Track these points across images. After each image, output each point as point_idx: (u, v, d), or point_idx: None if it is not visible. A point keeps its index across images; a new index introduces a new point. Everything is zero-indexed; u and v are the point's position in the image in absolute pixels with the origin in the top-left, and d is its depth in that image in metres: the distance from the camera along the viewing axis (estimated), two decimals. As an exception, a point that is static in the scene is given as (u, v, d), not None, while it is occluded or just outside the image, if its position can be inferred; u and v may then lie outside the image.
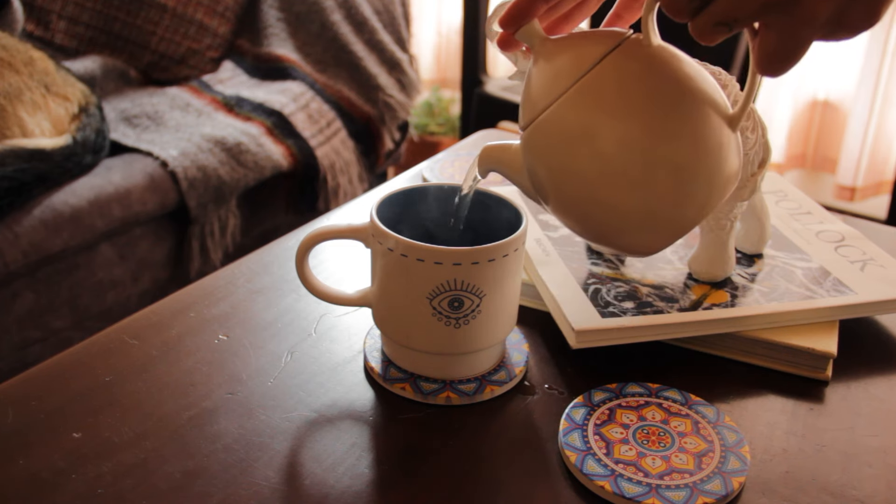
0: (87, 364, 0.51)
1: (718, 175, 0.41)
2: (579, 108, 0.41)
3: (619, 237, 0.43)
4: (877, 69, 1.99)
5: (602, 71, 0.41)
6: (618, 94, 0.40)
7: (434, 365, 0.49)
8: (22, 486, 0.42)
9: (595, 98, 0.40)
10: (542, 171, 0.43)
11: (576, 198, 0.42)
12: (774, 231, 0.64)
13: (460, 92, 2.03)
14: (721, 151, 0.41)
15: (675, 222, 0.42)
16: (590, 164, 0.41)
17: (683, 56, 0.42)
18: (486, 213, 0.52)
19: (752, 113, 0.53)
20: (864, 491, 0.43)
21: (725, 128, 0.41)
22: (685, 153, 0.40)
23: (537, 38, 0.44)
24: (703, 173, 0.40)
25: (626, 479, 0.42)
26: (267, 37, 1.78)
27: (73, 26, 1.69)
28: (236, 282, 0.61)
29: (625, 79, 0.40)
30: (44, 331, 1.25)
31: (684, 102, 0.40)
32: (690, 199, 0.41)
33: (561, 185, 0.43)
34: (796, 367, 0.52)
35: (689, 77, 0.41)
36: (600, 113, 0.40)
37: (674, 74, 0.41)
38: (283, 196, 1.61)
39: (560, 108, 0.41)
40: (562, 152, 0.41)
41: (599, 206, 0.42)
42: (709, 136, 0.40)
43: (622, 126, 0.40)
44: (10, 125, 1.24)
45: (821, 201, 1.12)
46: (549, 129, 0.42)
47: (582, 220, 0.43)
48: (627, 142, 0.40)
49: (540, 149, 0.43)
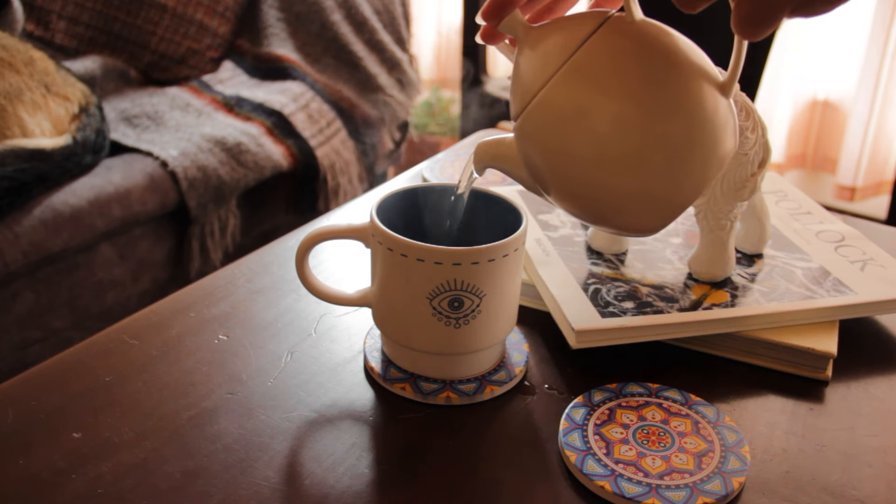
0: (87, 364, 0.51)
1: (715, 145, 0.41)
2: (570, 88, 0.40)
3: (618, 217, 0.43)
4: (877, 69, 1.99)
5: (590, 49, 0.40)
6: (608, 70, 0.40)
7: (434, 365, 0.49)
8: (22, 486, 0.42)
9: (585, 76, 0.40)
10: (537, 157, 0.43)
11: (573, 180, 0.42)
12: (774, 231, 0.64)
13: (460, 92, 2.03)
14: (716, 119, 0.40)
15: (674, 193, 0.41)
16: (585, 144, 0.40)
17: (668, 29, 0.42)
18: (486, 213, 0.52)
19: (752, 113, 0.53)
20: (864, 491, 0.43)
21: (718, 95, 0.40)
22: (680, 126, 0.40)
23: (521, 27, 0.43)
24: (700, 144, 0.40)
25: (626, 479, 0.42)
26: (267, 37, 1.78)
27: (73, 26, 1.69)
28: (236, 282, 0.61)
29: (614, 55, 0.40)
30: (44, 331, 1.25)
31: (675, 74, 0.40)
32: (688, 167, 0.40)
33: (557, 168, 0.42)
34: (796, 367, 0.52)
35: (677, 48, 0.41)
36: (592, 91, 0.40)
37: (662, 47, 0.40)
38: (283, 196, 1.61)
39: (551, 90, 0.41)
40: (556, 135, 0.41)
41: (597, 186, 0.41)
42: (702, 106, 0.40)
43: (615, 103, 0.39)
44: (11, 125, 1.24)
45: (821, 201, 1.13)
46: (541, 112, 0.42)
47: (580, 201, 0.43)
48: (622, 119, 0.39)
49: (534, 134, 0.42)
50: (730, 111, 0.42)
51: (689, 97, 0.40)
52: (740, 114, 0.52)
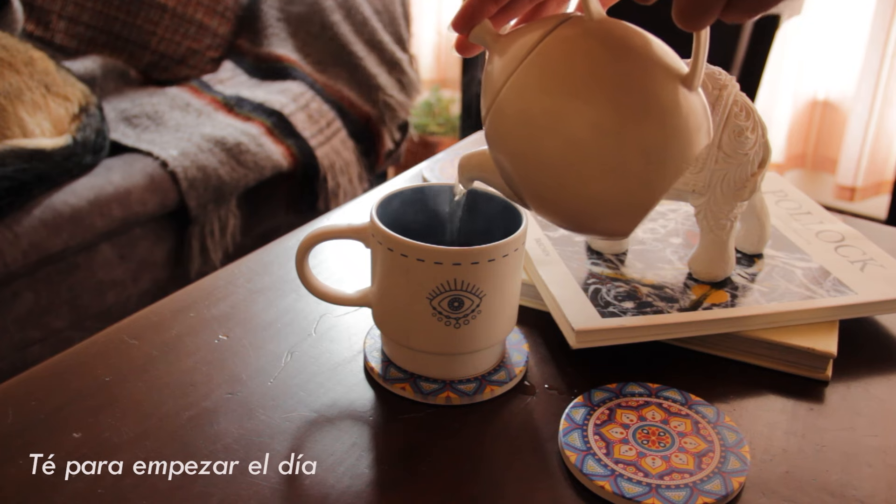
0: (87, 364, 0.51)
1: (668, 139, 0.39)
2: (521, 90, 0.40)
3: (584, 217, 0.42)
4: (877, 69, 1.99)
5: (543, 50, 0.40)
6: (555, 69, 0.39)
7: (434, 365, 0.49)
8: (22, 486, 0.42)
9: (535, 77, 0.40)
10: (501, 162, 0.43)
11: (533, 182, 0.42)
12: (774, 231, 0.64)
13: (460, 92, 2.03)
14: (677, 112, 0.39)
15: (628, 193, 0.40)
16: (537, 145, 0.40)
17: (628, 25, 0.41)
18: (486, 213, 0.52)
19: (752, 113, 0.53)
20: (864, 491, 0.43)
21: (679, 87, 0.39)
22: (643, 127, 0.39)
23: (489, 36, 0.43)
24: (653, 140, 0.39)
25: (626, 479, 0.42)
26: (267, 37, 1.78)
27: (73, 26, 1.69)
28: (236, 282, 0.61)
29: (565, 53, 0.40)
30: (44, 331, 1.25)
31: (629, 69, 0.39)
32: (639, 163, 0.39)
33: (518, 170, 0.42)
34: (796, 367, 0.52)
35: (635, 44, 0.40)
36: (538, 91, 0.40)
37: (618, 42, 0.40)
38: (283, 196, 1.61)
39: (506, 92, 0.41)
40: (512, 138, 0.41)
41: (554, 187, 0.41)
42: (659, 100, 0.39)
43: (568, 102, 0.39)
44: (11, 125, 1.24)
45: (821, 201, 1.12)
46: (500, 116, 0.41)
47: (545, 204, 0.43)
48: (566, 117, 0.39)
49: (494, 138, 0.42)
50: (698, 104, 0.40)
51: (644, 92, 0.39)
52: (740, 114, 0.52)
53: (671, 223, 0.65)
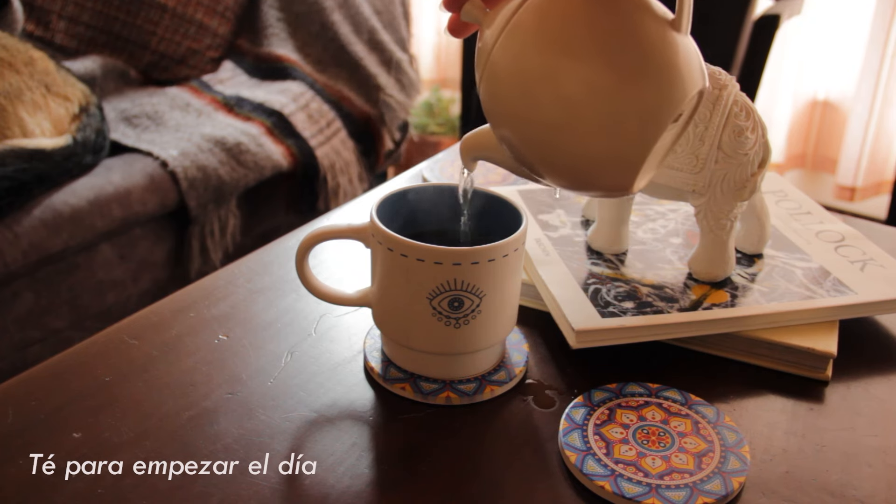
0: (87, 364, 0.51)
1: (647, 78, 0.39)
2: (513, 48, 0.41)
3: (584, 175, 0.42)
4: (877, 69, 1.99)
5: (530, 5, 0.41)
6: (547, 23, 0.40)
7: (434, 365, 0.49)
8: (22, 486, 0.42)
9: (525, 33, 0.40)
10: (501, 127, 0.43)
11: (532, 137, 0.42)
12: (774, 231, 0.64)
13: (460, 92, 2.03)
14: (665, 52, 0.39)
15: (614, 141, 0.40)
16: (538, 96, 0.40)
17: None
18: (486, 213, 0.52)
19: (752, 113, 0.53)
20: (864, 491, 0.43)
21: (667, 29, 0.39)
22: (637, 81, 0.39)
23: (479, 10, 0.44)
24: (633, 80, 0.39)
25: (626, 479, 0.42)
26: (267, 37, 1.78)
27: (73, 26, 1.69)
28: (236, 282, 0.61)
29: (551, 6, 0.40)
30: (44, 331, 1.25)
31: (620, 21, 0.39)
32: (627, 108, 0.39)
33: (515, 131, 0.42)
34: (796, 367, 0.52)
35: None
36: (531, 46, 0.40)
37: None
38: (283, 196, 1.61)
39: (497, 52, 0.41)
40: (508, 97, 0.41)
41: (549, 145, 0.41)
42: (643, 41, 0.39)
43: (557, 57, 0.39)
44: (11, 125, 1.24)
45: (821, 201, 1.12)
46: (492, 79, 0.42)
47: (543, 165, 0.43)
48: (566, 71, 0.39)
49: (492, 102, 0.43)
50: (688, 47, 0.40)
51: (634, 43, 0.39)
52: (740, 114, 0.52)
53: (671, 223, 0.65)
